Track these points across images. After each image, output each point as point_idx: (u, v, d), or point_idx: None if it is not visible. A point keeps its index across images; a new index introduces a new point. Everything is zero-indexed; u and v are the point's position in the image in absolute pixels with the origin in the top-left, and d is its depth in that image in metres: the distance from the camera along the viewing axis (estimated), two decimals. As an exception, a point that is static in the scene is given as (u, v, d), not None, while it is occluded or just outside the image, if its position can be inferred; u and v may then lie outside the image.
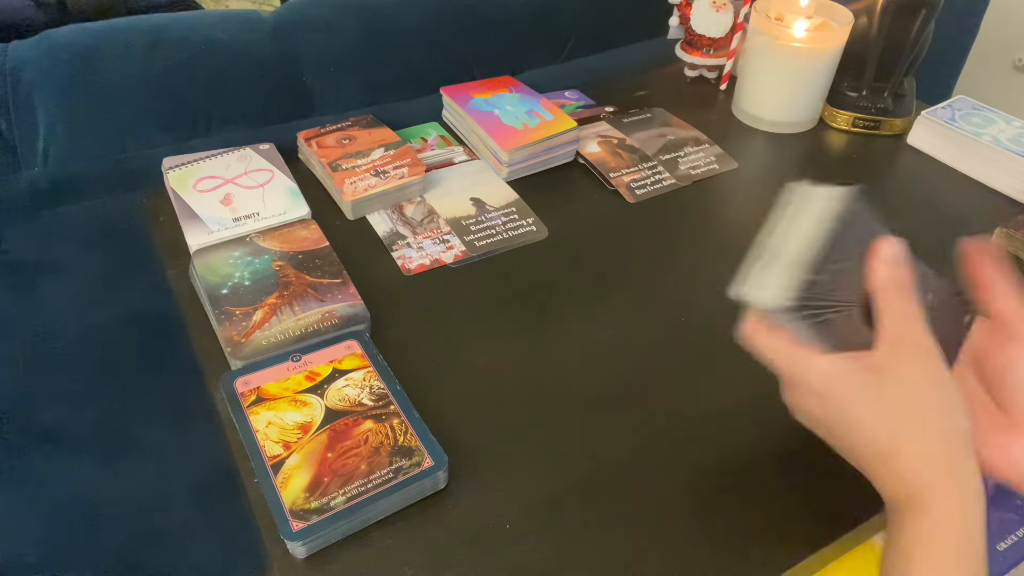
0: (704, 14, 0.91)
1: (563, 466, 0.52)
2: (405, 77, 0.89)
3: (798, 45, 0.83)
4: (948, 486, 0.36)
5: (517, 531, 0.48)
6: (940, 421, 0.37)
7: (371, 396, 0.53)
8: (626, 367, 0.60)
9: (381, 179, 0.73)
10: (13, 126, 0.72)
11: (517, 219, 0.74)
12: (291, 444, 0.50)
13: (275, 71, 0.82)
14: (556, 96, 0.92)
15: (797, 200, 0.43)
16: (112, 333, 0.60)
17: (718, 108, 0.93)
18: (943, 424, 0.37)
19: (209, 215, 0.68)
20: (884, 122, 0.88)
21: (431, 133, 0.85)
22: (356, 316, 0.59)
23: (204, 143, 0.79)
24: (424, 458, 0.49)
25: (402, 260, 0.68)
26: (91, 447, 0.53)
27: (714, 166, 0.83)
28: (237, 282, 0.61)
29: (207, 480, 0.51)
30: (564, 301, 0.66)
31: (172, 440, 0.53)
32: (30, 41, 0.73)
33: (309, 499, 0.47)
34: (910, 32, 0.83)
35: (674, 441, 0.54)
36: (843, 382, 0.39)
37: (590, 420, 0.56)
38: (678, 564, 0.47)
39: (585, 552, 0.48)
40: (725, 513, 0.50)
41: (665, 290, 0.67)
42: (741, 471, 0.52)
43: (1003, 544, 0.51)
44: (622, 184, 0.78)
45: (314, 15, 0.84)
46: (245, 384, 0.53)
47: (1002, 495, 0.53)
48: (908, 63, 0.87)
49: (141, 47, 0.76)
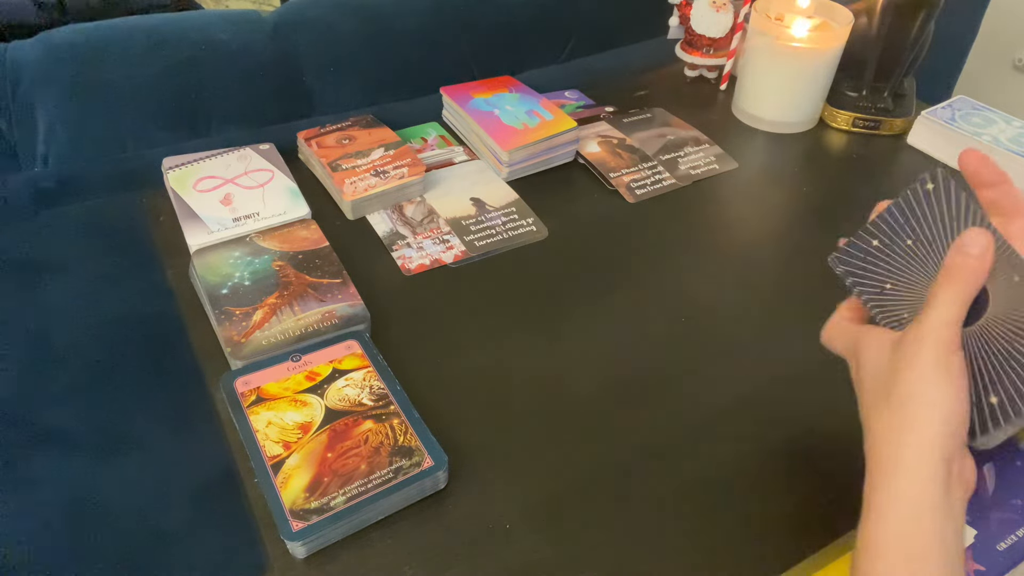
0: (704, 14, 0.91)
1: (563, 466, 0.52)
2: (405, 77, 0.89)
3: (798, 45, 0.83)
4: (889, 477, 0.37)
5: (517, 531, 0.48)
6: (904, 427, 0.38)
7: (371, 396, 0.53)
8: (626, 367, 0.60)
9: (381, 179, 0.73)
10: (13, 126, 0.72)
11: (517, 219, 0.74)
12: (291, 444, 0.50)
13: (275, 71, 0.82)
14: (556, 96, 0.92)
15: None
16: (112, 333, 0.60)
17: (718, 108, 0.93)
18: (905, 431, 0.38)
19: (209, 215, 0.68)
20: (884, 122, 0.88)
21: (431, 133, 0.85)
22: (356, 316, 0.59)
23: (204, 143, 0.79)
24: (424, 458, 0.49)
25: (402, 260, 0.68)
26: (91, 447, 0.53)
27: (714, 166, 0.83)
28: (237, 282, 0.61)
29: (207, 480, 0.51)
30: (564, 301, 0.66)
31: (172, 440, 0.53)
32: (30, 41, 0.73)
33: (309, 499, 0.47)
34: (910, 32, 0.83)
35: (674, 441, 0.54)
36: (869, 347, 0.42)
37: (590, 420, 0.56)
38: (678, 564, 0.47)
39: (585, 552, 0.48)
40: (725, 513, 0.50)
41: (665, 290, 0.67)
42: (741, 471, 0.52)
43: (1003, 544, 0.51)
44: (622, 184, 0.78)
45: (314, 15, 0.84)
46: (245, 384, 0.53)
47: (1002, 495, 0.53)
48: (908, 63, 0.87)
49: (141, 47, 0.76)
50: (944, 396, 0.37)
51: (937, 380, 0.37)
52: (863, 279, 0.46)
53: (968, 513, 0.52)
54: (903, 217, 0.45)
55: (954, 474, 0.37)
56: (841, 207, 0.78)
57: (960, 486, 0.37)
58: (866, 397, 0.41)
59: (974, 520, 0.52)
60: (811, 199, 0.80)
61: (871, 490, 0.38)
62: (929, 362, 0.38)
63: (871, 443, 0.40)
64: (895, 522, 0.36)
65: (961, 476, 0.38)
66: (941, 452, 0.36)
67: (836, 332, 0.46)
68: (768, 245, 0.74)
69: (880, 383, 0.40)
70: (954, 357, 0.38)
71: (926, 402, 0.37)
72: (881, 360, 0.40)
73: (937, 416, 0.37)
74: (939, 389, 0.37)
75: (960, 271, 0.39)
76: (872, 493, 0.38)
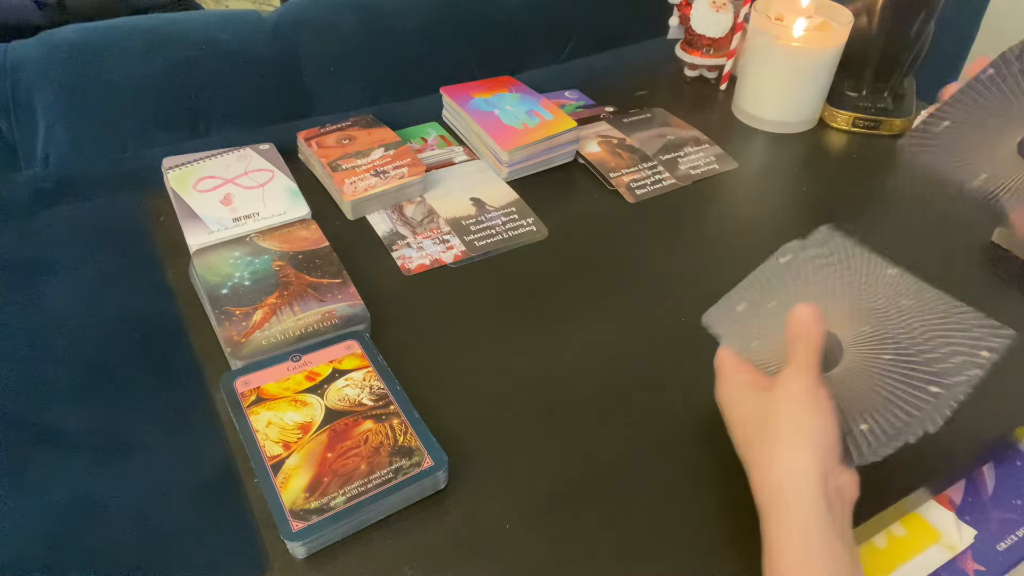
0: (704, 14, 0.91)
1: (563, 466, 0.52)
2: (405, 77, 0.89)
3: (798, 45, 0.83)
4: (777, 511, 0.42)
5: (517, 531, 0.48)
6: (781, 452, 0.43)
7: (371, 396, 0.53)
8: (626, 367, 0.60)
9: (381, 179, 0.73)
10: (13, 126, 0.72)
11: (517, 219, 0.74)
12: (291, 444, 0.50)
13: (275, 71, 0.82)
14: (556, 96, 0.92)
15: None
16: (112, 333, 0.60)
17: (718, 108, 0.93)
18: (784, 455, 0.43)
19: (209, 215, 0.68)
20: (884, 122, 0.88)
21: (431, 133, 0.85)
22: (356, 316, 0.59)
23: (204, 143, 0.79)
24: (424, 458, 0.49)
25: (402, 260, 0.68)
26: (91, 447, 0.53)
27: (714, 166, 0.83)
28: (237, 282, 0.61)
29: (207, 480, 0.51)
30: (564, 301, 0.66)
31: (172, 440, 0.53)
32: (30, 41, 0.73)
33: (309, 499, 0.47)
34: (910, 32, 0.83)
35: (674, 441, 0.54)
36: (741, 394, 0.48)
37: (590, 420, 0.56)
38: (678, 564, 0.47)
39: (585, 552, 0.48)
40: (725, 513, 0.50)
41: (665, 290, 0.67)
42: (740, 471, 0.52)
43: (1003, 544, 0.51)
44: (622, 184, 0.78)
45: (314, 15, 0.84)
46: (245, 384, 0.53)
47: (1002, 495, 0.53)
48: (908, 63, 0.87)
49: (141, 47, 0.76)
50: (814, 421, 0.43)
51: (808, 408, 0.43)
52: (732, 337, 0.52)
53: (968, 513, 0.52)
54: (767, 284, 0.54)
55: (832, 488, 0.42)
56: (841, 207, 0.78)
57: (840, 500, 0.42)
58: (739, 434, 0.47)
59: (974, 520, 0.52)
60: (811, 199, 0.80)
61: (765, 523, 0.43)
62: (800, 395, 0.44)
63: (755, 479, 0.44)
64: (790, 554, 0.40)
65: (840, 492, 0.42)
66: (817, 472, 0.41)
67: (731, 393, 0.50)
68: (768, 245, 0.73)
69: (754, 420, 0.46)
70: (819, 391, 0.44)
71: (798, 428, 0.43)
72: (754, 402, 0.46)
73: (809, 441, 0.42)
74: (809, 416, 0.43)
75: (800, 335, 0.46)
76: (767, 526, 0.42)
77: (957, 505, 0.53)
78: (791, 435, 0.43)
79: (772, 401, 0.45)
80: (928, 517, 0.53)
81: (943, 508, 0.53)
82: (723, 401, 0.49)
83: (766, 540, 0.42)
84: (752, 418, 0.46)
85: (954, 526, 0.52)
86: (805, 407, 0.43)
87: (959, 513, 0.53)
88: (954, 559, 0.50)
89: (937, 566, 0.50)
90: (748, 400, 0.47)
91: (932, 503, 0.53)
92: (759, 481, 0.44)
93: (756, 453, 0.45)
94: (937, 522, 0.52)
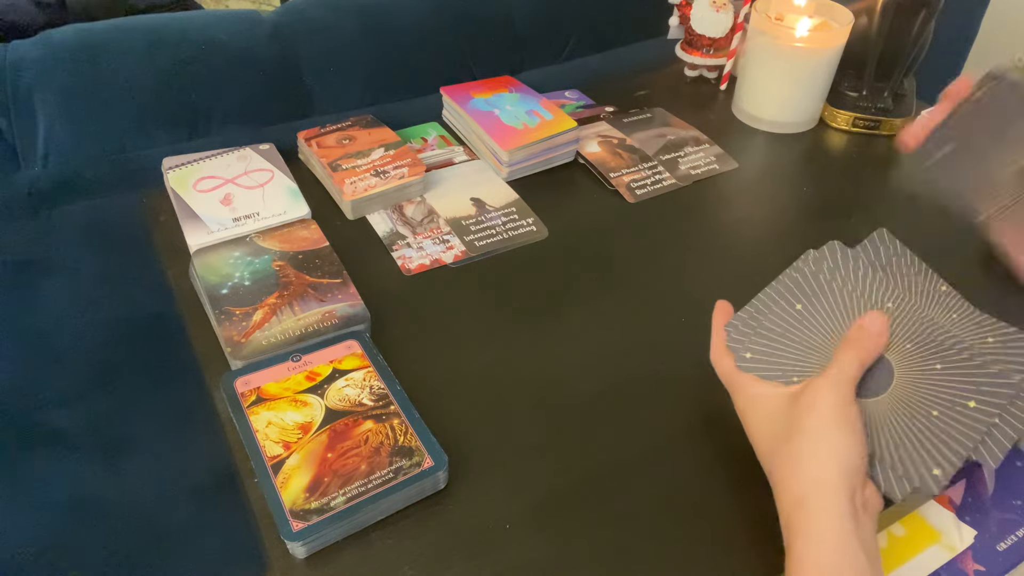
0: (704, 14, 0.91)
1: (563, 466, 0.52)
2: (405, 77, 0.89)
3: (798, 45, 0.83)
4: (800, 525, 0.40)
5: (517, 531, 0.48)
6: (808, 466, 0.42)
7: (371, 396, 0.53)
8: (626, 367, 0.60)
9: (381, 179, 0.73)
10: (13, 126, 0.72)
11: (517, 219, 0.74)
12: (291, 444, 0.50)
13: (275, 71, 0.82)
14: (556, 96, 0.92)
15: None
16: (112, 333, 0.60)
17: (718, 108, 0.93)
18: (810, 466, 0.42)
19: (209, 215, 0.68)
20: (884, 122, 0.88)
21: (431, 133, 0.85)
22: (356, 316, 0.59)
23: (204, 143, 0.79)
24: (424, 458, 0.49)
25: (402, 260, 0.68)
26: (91, 447, 0.53)
27: (714, 166, 0.83)
28: (237, 282, 0.61)
29: (207, 480, 0.51)
30: (564, 301, 0.66)
31: (172, 440, 0.53)
32: (30, 41, 0.73)
33: (309, 499, 0.47)
34: (910, 32, 0.83)
35: (674, 441, 0.54)
36: (763, 399, 0.46)
37: (590, 420, 0.56)
38: (678, 564, 0.47)
39: (585, 552, 0.48)
40: (725, 513, 0.50)
41: (665, 290, 0.67)
42: (740, 471, 0.52)
43: (1003, 544, 0.51)
44: (622, 184, 0.78)
45: (314, 15, 0.84)
46: (245, 384, 0.53)
47: (1002, 495, 0.53)
48: (908, 63, 0.87)
49: (141, 47, 0.76)
50: (843, 438, 0.41)
51: (837, 424, 0.41)
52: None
53: (968, 513, 0.52)
54: (795, 286, 0.51)
55: (858, 505, 0.40)
56: (841, 207, 0.78)
57: (866, 514, 0.41)
58: (763, 445, 0.45)
59: (974, 520, 0.52)
60: (811, 199, 0.80)
61: (787, 532, 0.41)
62: (829, 408, 0.42)
63: (780, 489, 0.43)
64: (814, 566, 0.39)
65: (866, 505, 0.41)
66: (846, 492, 0.40)
67: (724, 355, 0.50)
68: (768, 245, 0.74)
69: (779, 430, 0.44)
70: (852, 407, 0.42)
71: (826, 444, 0.41)
72: (778, 411, 0.45)
73: (836, 458, 0.41)
74: (839, 431, 0.41)
75: (860, 342, 0.44)
76: (790, 536, 0.41)
77: (957, 505, 0.53)
78: (817, 448, 0.41)
79: (797, 414, 0.43)
80: (928, 517, 0.52)
81: (943, 508, 0.53)
82: (743, 409, 0.48)
83: (789, 550, 0.41)
84: (778, 428, 0.44)
85: (954, 526, 0.52)
86: (836, 420, 0.42)
87: (959, 513, 0.53)
88: (954, 559, 0.50)
89: (937, 566, 0.50)
90: (772, 408, 0.45)
91: (932, 503, 0.53)
92: (783, 491, 0.43)
93: (781, 463, 0.43)
94: (937, 522, 0.52)
